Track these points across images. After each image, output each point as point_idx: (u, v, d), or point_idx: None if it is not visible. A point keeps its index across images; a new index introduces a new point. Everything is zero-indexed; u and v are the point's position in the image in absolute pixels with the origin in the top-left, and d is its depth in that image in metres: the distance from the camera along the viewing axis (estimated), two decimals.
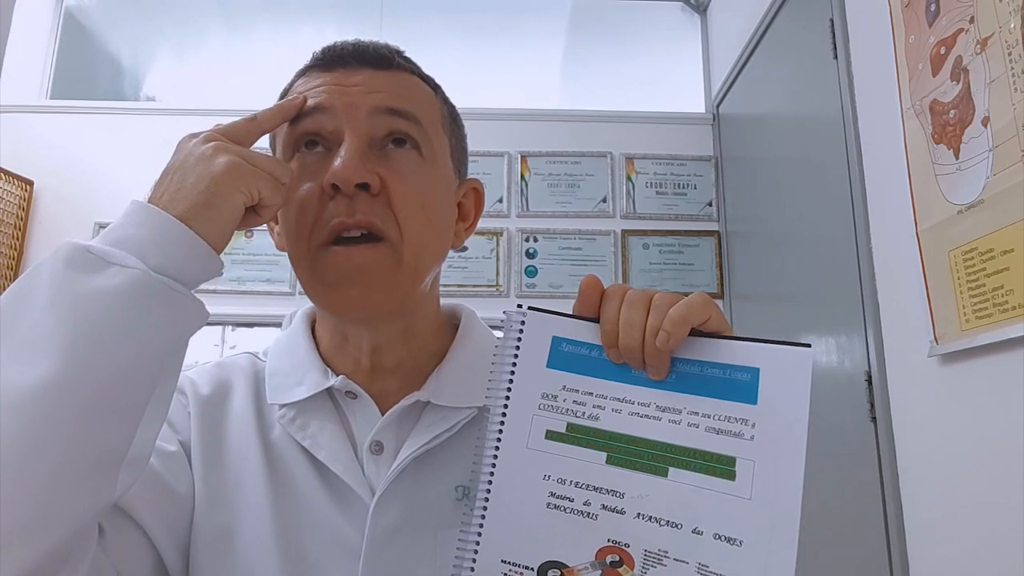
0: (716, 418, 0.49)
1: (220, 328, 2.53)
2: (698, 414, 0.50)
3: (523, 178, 2.68)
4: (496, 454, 0.51)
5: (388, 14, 2.92)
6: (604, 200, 2.67)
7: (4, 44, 1.82)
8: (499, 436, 0.51)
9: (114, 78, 2.94)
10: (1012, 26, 1.12)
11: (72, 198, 2.59)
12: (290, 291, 2.53)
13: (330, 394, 0.65)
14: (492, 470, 0.51)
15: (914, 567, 1.37)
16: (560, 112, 2.82)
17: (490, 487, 0.50)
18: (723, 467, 0.48)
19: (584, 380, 0.52)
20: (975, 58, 1.20)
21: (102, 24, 3.00)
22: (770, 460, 0.48)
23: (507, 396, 0.52)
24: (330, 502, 0.61)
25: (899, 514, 1.41)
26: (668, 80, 2.91)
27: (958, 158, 1.24)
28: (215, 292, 2.46)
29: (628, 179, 2.69)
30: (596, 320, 0.52)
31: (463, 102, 0.74)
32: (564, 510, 0.49)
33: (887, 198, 1.51)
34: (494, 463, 0.51)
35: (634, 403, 0.51)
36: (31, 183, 2.59)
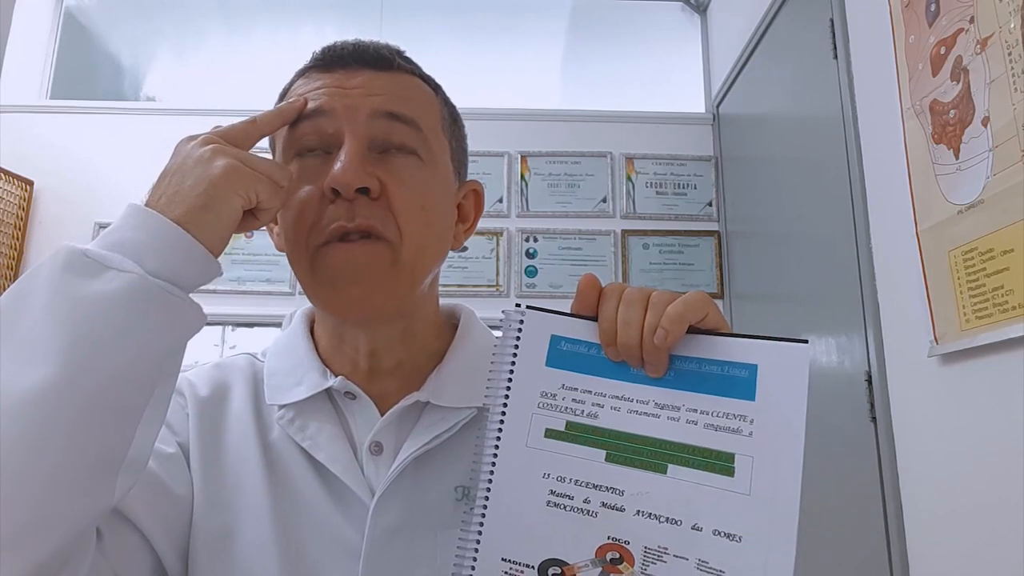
0: (714, 415, 0.49)
1: (220, 328, 2.53)
2: (696, 411, 0.50)
3: (523, 178, 2.69)
4: (496, 453, 0.51)
5: (388, 14, 2.92)
6: (604, 200, 2.67)
7: (4, 44, 1.82)
8: (499, 435, 0.51)
9: (114, 78, 2.94)
10: (1012, 26, 1.12)
11: (72, 198, 2.59)
12: (290, 291, 2.53)
13: (329, 395, 0.65)
14: (492, 469, 0.51)
15: (914, 567, 1.37)
16: (560, 112, 2.82)
17: (490, 486, 0.50)
18: (722, 463, 0.48)
19: (583, 378, 0.52)
20: (975, 58, 1.20)
21: (102, 24, 3.01)
22: (769, 456, 0.48)
23: (506, 395, 0.52)
24: (330, 503, 0.61)
25: (899, 514, 1.41)
26: (668, 80, 2.92)
27: (958, 158, 1.24)
28: (215, 292, 2.46)
29: (628, 179, 2.69)
30: (594, 319, 0.52)
31: (463, 102, 0.74)
32: (564, 508, 0.50)
33: (887, 198, 1.51)
34: (494, 462, 0.51)
35: (633, 401, 0.51)
36: (31, 183, 2.59)
